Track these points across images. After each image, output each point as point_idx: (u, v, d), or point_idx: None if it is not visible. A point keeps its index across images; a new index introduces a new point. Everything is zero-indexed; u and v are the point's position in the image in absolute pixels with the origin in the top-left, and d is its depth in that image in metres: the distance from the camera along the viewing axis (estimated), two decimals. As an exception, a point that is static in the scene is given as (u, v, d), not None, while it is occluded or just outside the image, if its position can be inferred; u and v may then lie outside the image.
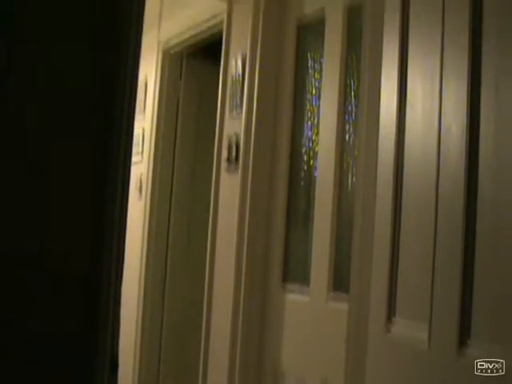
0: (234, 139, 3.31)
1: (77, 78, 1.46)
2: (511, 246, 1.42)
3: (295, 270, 3.05)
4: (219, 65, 3.57)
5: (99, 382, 1.33)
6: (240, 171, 3.22)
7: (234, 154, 3.29)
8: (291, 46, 3.16)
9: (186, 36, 4.03)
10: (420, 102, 1.83)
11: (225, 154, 3.37)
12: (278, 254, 3.09)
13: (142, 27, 1.63)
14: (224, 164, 3.39)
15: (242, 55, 3.32)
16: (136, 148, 4.25)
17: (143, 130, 4.37)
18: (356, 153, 2.45)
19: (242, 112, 3.27)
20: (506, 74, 1.47)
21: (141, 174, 4.33)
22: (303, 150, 3.08)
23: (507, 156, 1.45)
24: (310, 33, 3.12)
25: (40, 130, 1.41)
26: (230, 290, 3.19)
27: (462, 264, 1.53)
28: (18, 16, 1.41)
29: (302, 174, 3.07)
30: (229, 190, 3.35)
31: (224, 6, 3.53)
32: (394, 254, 1.85)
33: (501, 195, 1.46)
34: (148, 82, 4.40)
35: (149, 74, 4.36)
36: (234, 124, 3.36)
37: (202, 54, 4.25)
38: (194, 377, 3.54)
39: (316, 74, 3.04)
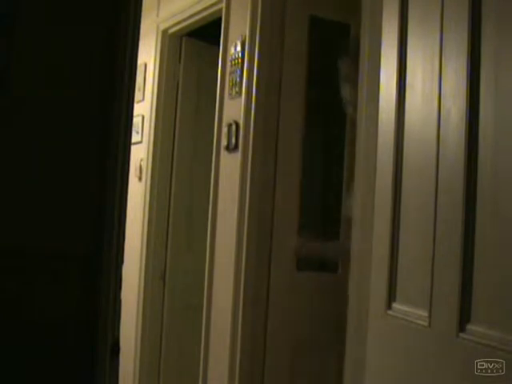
0: (233, 122, 3.30)
1: (76, 63, 1.46)
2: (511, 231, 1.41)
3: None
4: (218, 44, 3.56)
5: (101, 367, 1.34)
6: (240, 152, 3.22)
7: (233, 138, 3.29)
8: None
9: (185, 17, 4.01)
10: (420, 83, 1.82)
11: (224, 141, 3.37)
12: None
13: (140, 11, 1.63)
14: (224, 146, 3.39)
15: (242, 38, 3.30)
16: (135, 129, 4.24)
17: (143, 117, 4.36)
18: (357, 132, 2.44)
19: (241, 94, 3.26)
20: (506, 55, 1.47)
21: (141, 160, 4.32)
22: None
23: (507, 137, 1.44)
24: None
25: (40, 120, 1.41)
26: (230, 274, 3.20)
27: (463, 252, 1.53)
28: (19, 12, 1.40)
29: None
30: (229, 170, 3.35)
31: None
32: (394, 241, 1.86)
33: (500, 177, 1.46)
34: (147, 66, 4.38)
35: (148, 57, 4.34)
36: (233, 106, 3.35)
37: (201, 34, 4.23)
38: (194, 354, 3.55)
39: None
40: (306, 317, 3.15)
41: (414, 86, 1.84)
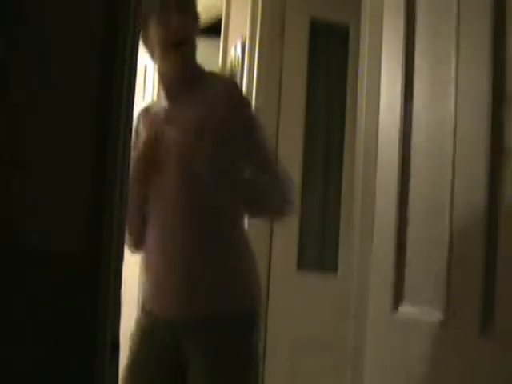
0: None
1: (76, 63, 1.46)
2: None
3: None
4: (218, 45, 3.56)
5: (100, 367, 1.33)
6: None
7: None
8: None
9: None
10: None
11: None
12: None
13: (140, 11, 1.62)
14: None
15: (242, 38, 3.30)
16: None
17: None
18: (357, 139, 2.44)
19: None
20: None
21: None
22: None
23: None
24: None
25: (39, 120, 1.41)
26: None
27: (485, 251, 1.48)
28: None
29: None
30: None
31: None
32: (401, 239, 1.84)
33: None
34: (147, 67, 4.38)
35: (148, 58, 4.33)
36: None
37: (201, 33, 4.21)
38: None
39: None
40: (305, 316, 3.15)
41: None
